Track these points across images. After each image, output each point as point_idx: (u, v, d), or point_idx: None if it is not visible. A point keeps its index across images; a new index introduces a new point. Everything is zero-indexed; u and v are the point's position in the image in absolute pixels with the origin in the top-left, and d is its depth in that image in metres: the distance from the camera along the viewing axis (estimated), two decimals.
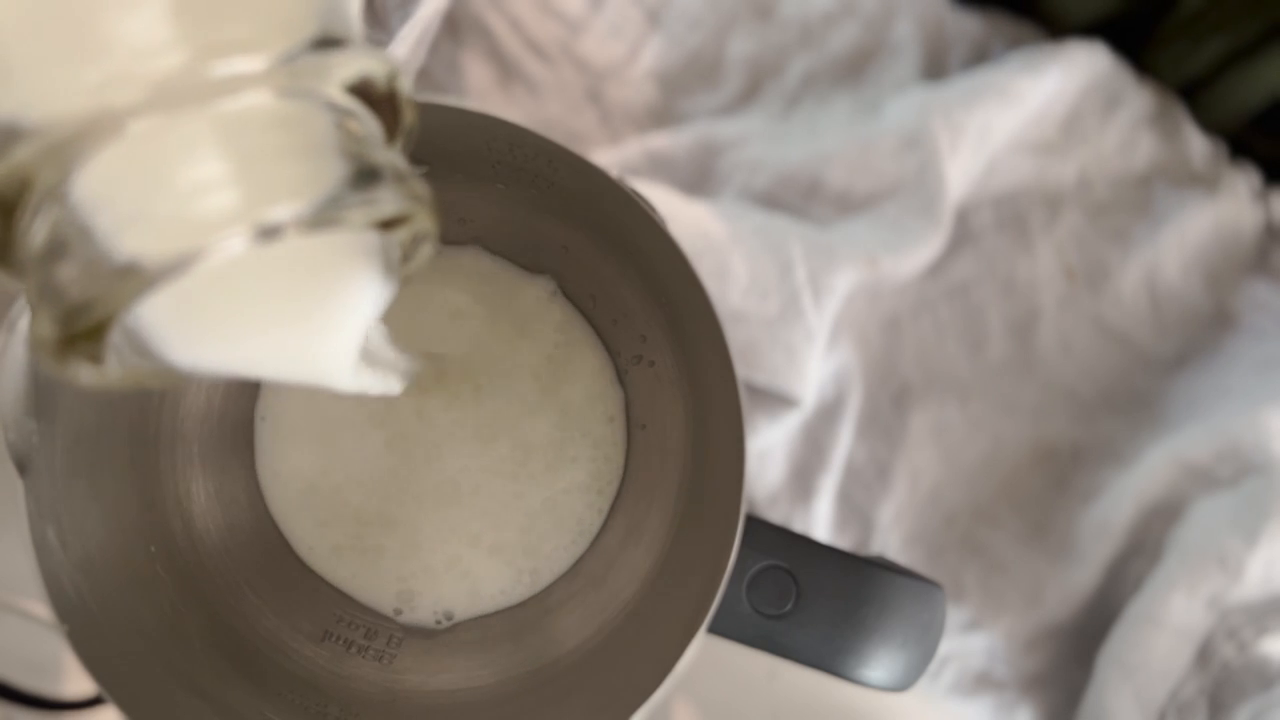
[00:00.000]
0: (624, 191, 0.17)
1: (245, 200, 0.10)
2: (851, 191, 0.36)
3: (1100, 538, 0.36)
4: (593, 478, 0.25)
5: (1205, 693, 0.32)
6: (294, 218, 0.10)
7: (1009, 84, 0.36)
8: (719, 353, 0.17)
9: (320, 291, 0.13)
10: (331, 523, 0.24)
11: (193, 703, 0.18)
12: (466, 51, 0.37)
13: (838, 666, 0.20)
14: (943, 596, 0.21)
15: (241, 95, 0.10)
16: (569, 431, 0.25)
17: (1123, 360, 0.38)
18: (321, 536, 0.24)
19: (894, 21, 0.38)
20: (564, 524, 0.25)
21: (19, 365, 0.16)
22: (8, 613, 0.30)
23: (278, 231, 0.10)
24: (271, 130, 0.11)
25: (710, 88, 0.38)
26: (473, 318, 0.25)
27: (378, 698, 0.22)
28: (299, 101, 0.11)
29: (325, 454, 0.24)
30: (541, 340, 0.25)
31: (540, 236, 0.24)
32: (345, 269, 0.13)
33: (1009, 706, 0.35)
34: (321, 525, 0.24)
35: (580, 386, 0.25)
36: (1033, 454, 0.37)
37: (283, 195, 0.10)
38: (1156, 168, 0.39)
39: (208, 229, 0.10)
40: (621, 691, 0.18)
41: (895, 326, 0.37)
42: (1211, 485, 0.35)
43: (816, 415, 0.35)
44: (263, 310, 0.13)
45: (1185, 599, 0.32)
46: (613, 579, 0.24)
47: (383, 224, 0.12)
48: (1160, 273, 0.38)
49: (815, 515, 0.35)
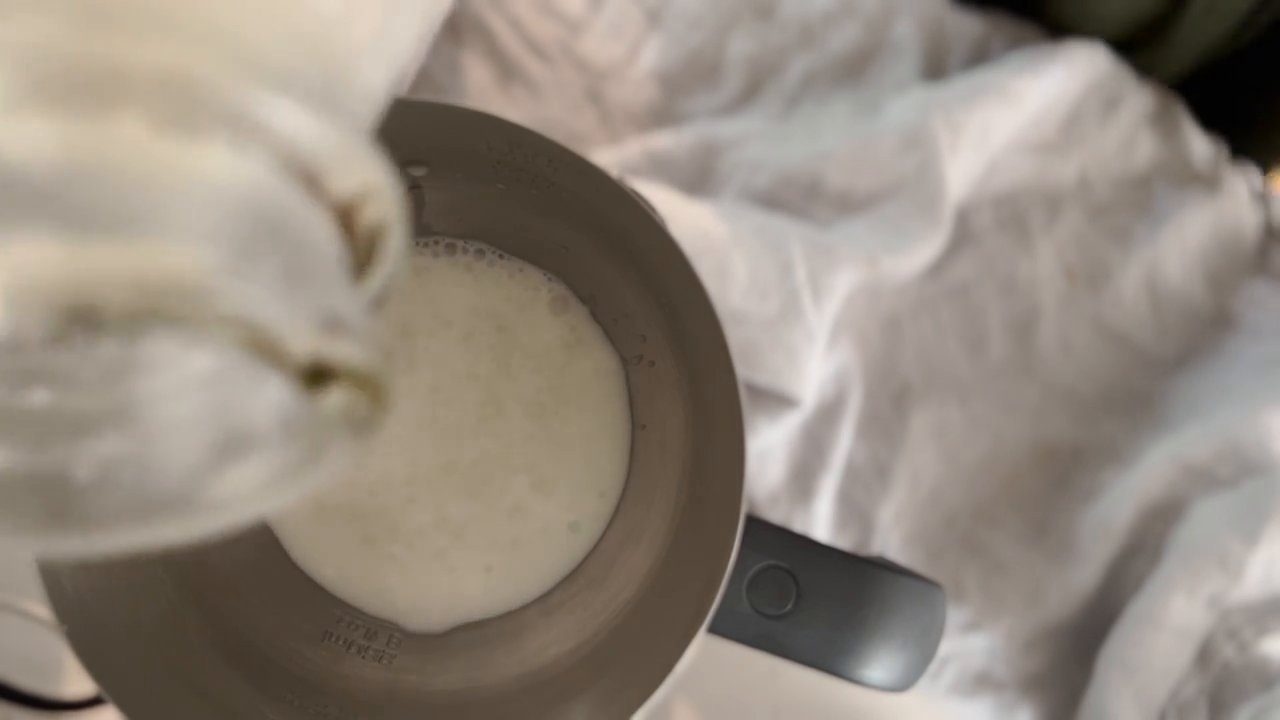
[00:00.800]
0: (624, 191, 0.17)
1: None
2: (851, 191, 0.36)
3: (1100, 538, 0.36)
4: (595, 481, 0.25)
5: (1205, 693, 0.32)
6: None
7: (1009, 84, 0.36)
8: (719, 353, 0.17)
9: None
10: (329, 529, 0.24)
11: (193, 703, 0.18)
12: (466, 51, 0.37)
13: (838, 666, 0.20)
14: (943, 597, 0.21)
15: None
16: (572, 433, 0.25)
17: (1123, 360, 0.38)
18: (319, 543, 0.24)
19: (894, 21, 0.38)
20: (565, 529, 0.25)
21: None
22: (8, 613, 0.30)
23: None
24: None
25: (710, 88, 0.38)
26: (475, 318, 0.25)
27: (377, 698, 0.22)
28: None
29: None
30: (545, 341, 0.25)
31: (541, 237, 0.24)
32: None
33: (1009, 707, 0.35)
34: (319, 532, 0.24)
35: (585, 387, 0.25)
36: (1033, 454, 0.37)
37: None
38: (1156, 168, 0.39)
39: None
40: (621, 691, 0.18)
41: (895, 326, 0.37)
42: (1212, 485, 0.35)
43: (816, 415, 0.35)
44: None
45: (1185, 599, 0.32)
46: (613, 579, 0.24)
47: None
48: (1160, 273, 0.38)
49: (815, 515, 0.35)
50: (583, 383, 0.25)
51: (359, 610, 0.24)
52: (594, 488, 0.25)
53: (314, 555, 0.24)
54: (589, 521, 0.25)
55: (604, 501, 0.25)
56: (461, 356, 0.25)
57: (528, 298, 0.25)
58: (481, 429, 0.25)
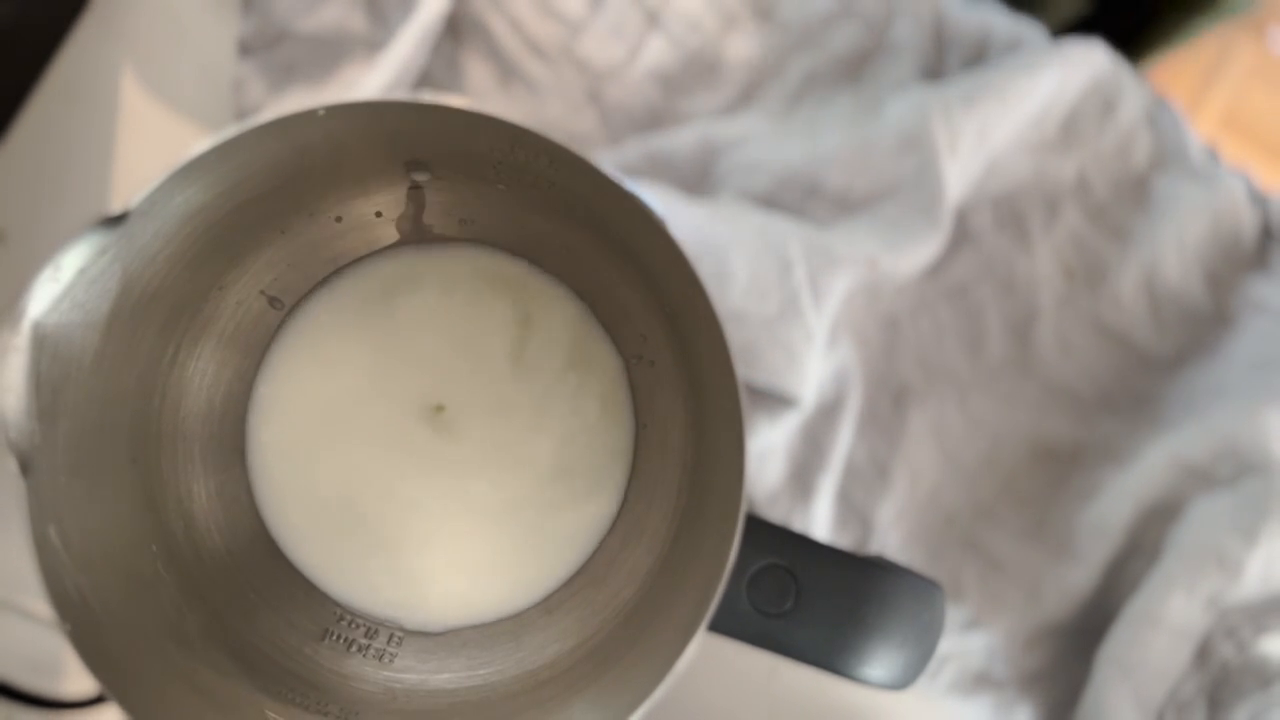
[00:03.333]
0: (625, 191, 0.17)
1: None
2: (851, 191, 0.36)
3: (1099, 537, 0.36)
4: (599, 483, 0.25)
5: (1204, 692, 0.32)
6: None
7: (1008, 84, 0.36)
8: (719, 353, 0.17)
9: None
10: (330, 533, 0.24)
11: (193, 701, 0.18)
12: (467, 52, 0.37)
13: (837, 665, 0.20)
14: (942, 595, 0.21)
15: None
16: (575, 435, 0.25)
17: (1122, 360, 0.38)
18: (319, 547, 0.24)
19: (894, 21, 0.38)
20: (567, 530, 0.25)
21: (21, 365, 0.16)
22: (8, 612, 0.30)
23: None
24: None
25: (710, 88, 0.38)
26: (473, 319, 0.25)
27: (378, 697, 0.22)
28: None
29: (321, 463, 0.24)
30: (546, 341, 0.25)
31: (542, 237, 0.24)
32: None
33: (1008, 705, 0.35)
34: (319, 535, 0.24)
35: (588, 386, 0.25)
36: (1032, 454, 0.37)
37: None
38: (1155, 168, 0.39)
39: None
40: (621, 690, 0.18)
41: (895, 326, 0.37)
42: (1210, 485, 0.35)
43: (816, 415, 0.35)
44: None
45: (1184, 599, 0.33)
46: (613, 578, 0.24)
47: None
48: (1159, 273, 0.38)
49: (815, 514, 0.35)
50: (592, 382, 0.25)
51: (359, 610, 0.24)
52: (598, 491, 0.25)
53: (314, 558, 0.24)
54: (593, 527, 0.25)
55: (609, 502, 0.25)
56: (461, 356, 0.25)
57: (528, 298, 0.25)
58: (485, 433, 0.25)
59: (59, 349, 0.17)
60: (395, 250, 0.25)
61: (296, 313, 0.24)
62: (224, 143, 0.16)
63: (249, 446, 0.24)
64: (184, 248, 0.19)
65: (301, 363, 0.24)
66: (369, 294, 0.24)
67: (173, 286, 0.19)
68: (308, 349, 0.24)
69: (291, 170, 0.19)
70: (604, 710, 0.19)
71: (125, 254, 0.17)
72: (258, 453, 0.24)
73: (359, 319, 0.24)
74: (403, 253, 0.25)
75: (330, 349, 0.24)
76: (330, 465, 0.24)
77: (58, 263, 0.16)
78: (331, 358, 0.24)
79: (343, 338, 0.24)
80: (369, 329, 0.24)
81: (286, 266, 0.23)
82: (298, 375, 0.24)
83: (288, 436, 0.24)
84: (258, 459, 0.24)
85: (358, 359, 0.24)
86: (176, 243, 0.18)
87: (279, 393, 0.24)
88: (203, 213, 0.18)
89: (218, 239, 0.20)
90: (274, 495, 0.24)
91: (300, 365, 0.24)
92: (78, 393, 0.18)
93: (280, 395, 0.24)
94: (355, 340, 0.24)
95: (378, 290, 0.24)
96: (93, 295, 0.17)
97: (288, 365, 0.24)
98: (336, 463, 0.24)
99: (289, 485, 0.24)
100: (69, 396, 0.17)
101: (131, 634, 0.18)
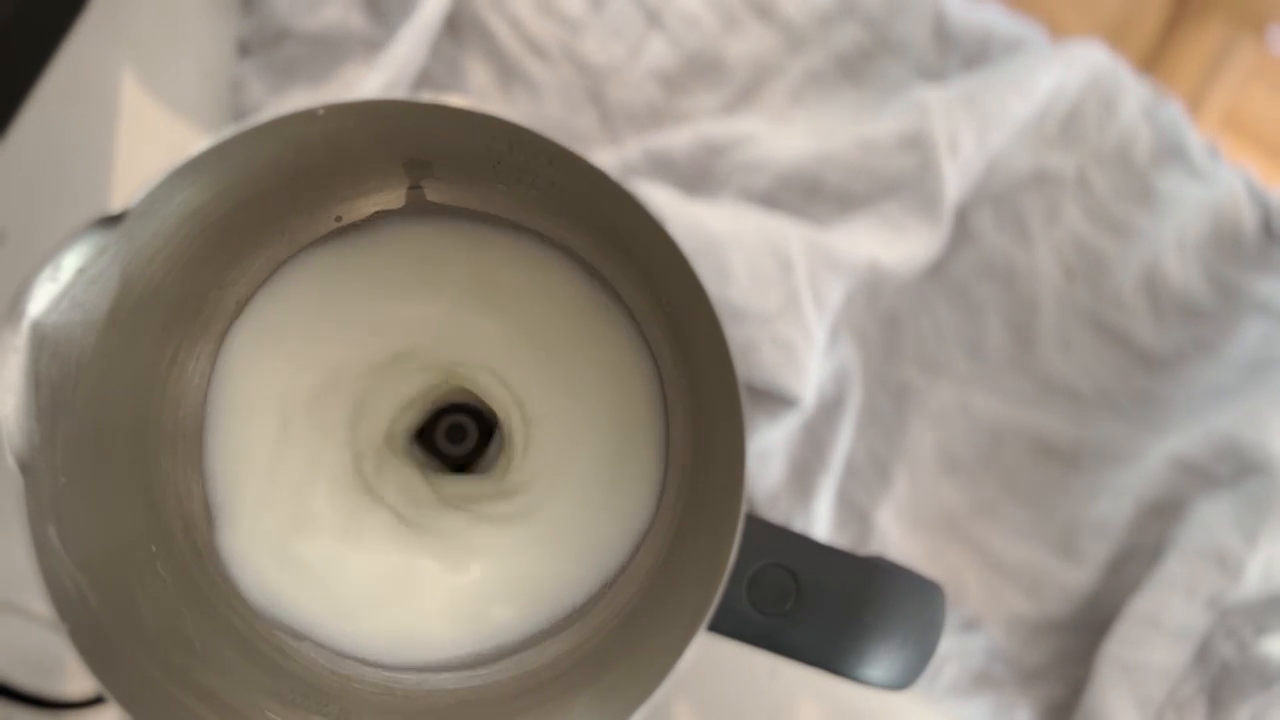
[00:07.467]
0: (624, 191, 0.17)
1: None
2: (851, 191, 0.36)
3: (1099, 537, 0.36)
4: (619, 508, 0.23)
5: (1204, 692, 0.32)
6: None
7: (1009, 83, 0.36)
8: (719, 353, 0.17)
9: None
10: (313, 591, 0.23)
11: (193, 701, 0.18)
12: (467, 52, 0.37)
13: (838, 665, 0.20)
14: (942, 595, 0.21)
15: None
16: (580, 444, 0.25)
17: (1122, 358, 0.38)
18: (305, 603, 0.23)
19: (894, 21, 0.38)
20: (578, 555, 0.23)
21: (20, 364, 0.16)
22: (8, 612, 0.30)
23: None
24: None
25: (711, 87, 0.38)
26: (470, 320, 0.25)
27: (378, 697, 0.22)
28: None
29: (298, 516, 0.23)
30: (553, 343, 0.25)
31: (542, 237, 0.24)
32: None
33: (1008, 705, 0.35)
34: (302, 593, 0.23)
35: (593, 388, 0.25)
36: (1032, 453, 0.37)
37: None
38: (1156, 166, 0.39)
39: None
40: (621, 691, 0.18)
41: (895, 325, 0.37)
42: (1211, 484, 0.35)
43: (816, 414, 0.35)
44: None
45: (1184, 598, 0.33)
46: (613, 579, 0.24)
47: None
48: (1159, 271, 0.38)
49: (815, 514, 0.35)
50: (602, 383, 0.25)
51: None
52: (621, 518, 0.24)
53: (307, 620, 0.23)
54: (610, 556, 0.23)
55: (631, 530, 0.24)
56: (461, 356, 0.25)
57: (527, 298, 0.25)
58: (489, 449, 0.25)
59: (59, 349, 0.17)
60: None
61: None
62: (223, 143, 0.16)
63: (215, 526, 0.23)
64: (183, 247, 0.19)
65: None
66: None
67: (172, 286, 0.19)
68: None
69: (291, 170, 0.19)
70: (604, 710, 0.19)
71: (124, 253, 0.17)
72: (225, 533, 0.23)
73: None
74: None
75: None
76: (303, 522, 0.23)
77: (57, 262, 0.16)
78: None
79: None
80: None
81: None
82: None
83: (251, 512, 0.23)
84: (225, 543, 0.23)
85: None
86: (176, 242, 0.18)
87: (235, 477, 0.23)
88: (202, 212, 0.18)
89: (217, 239, 0.20)
90: (253, 574, 0.23)
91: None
92: (77, 393, 0.18)
93: (237, 481, 0.23)
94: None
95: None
96: (92, 295, 0.17)
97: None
98: (308, 519, 0.23)
99: (263, 558, 0.23)
100: (69, 396, 0.17)
101: (131, 634, 0.18)
